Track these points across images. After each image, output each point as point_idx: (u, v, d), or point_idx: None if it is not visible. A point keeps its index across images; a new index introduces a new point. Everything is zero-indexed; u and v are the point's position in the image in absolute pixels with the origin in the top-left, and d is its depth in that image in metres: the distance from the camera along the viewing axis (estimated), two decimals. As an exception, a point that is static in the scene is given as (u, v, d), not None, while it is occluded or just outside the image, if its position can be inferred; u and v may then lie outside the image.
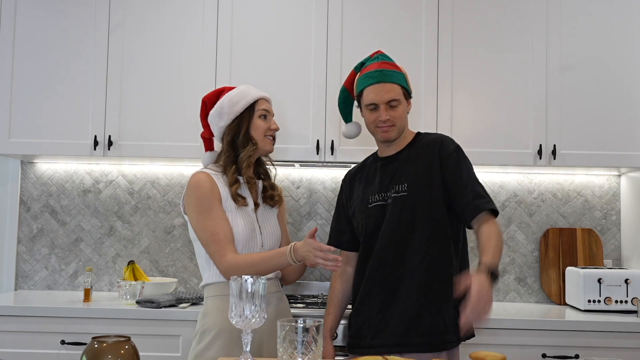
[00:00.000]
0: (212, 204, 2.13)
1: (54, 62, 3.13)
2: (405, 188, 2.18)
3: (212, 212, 2.12)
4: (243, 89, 2.28)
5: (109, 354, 1.39)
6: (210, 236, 2.10)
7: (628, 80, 3.08)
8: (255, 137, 2.24)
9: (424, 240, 2.14)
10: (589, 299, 2.99)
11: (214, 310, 2.13)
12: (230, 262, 2.08)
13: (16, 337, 2.80)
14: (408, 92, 2.29)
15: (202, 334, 2.12)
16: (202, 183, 2.15)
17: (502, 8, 3.11)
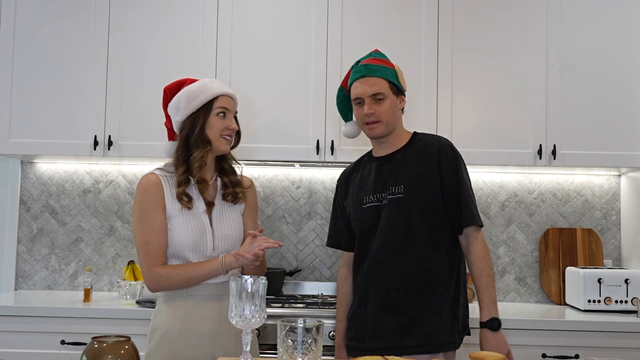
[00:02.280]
0: (152, 211, 2.04)
1: (54, 62, 3.13)
2: (401, 190, 2.16)
3: (148, 219, 2.04)
4: (204, 84, 2.13)
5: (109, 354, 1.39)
6: (143, 244, 2.04)
7: (628, 80, 3.08)
8: (210, 136, 2.10)
9: (419, 243, 2.14)
10: (589, 299, 2.99)
11: (163, 311, 2.08)
12: (159, 273, 2.03)
13: (16, 337, 2.80)
14: (398, 88, 2.23)
15: (152, 332, 2.09)
16: (147, 187, 2.07)
17: (502, 8, 3.11)
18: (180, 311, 2.06)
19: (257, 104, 3.09)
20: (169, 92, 2.18)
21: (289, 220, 3.43)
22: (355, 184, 2.31)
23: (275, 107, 3.09)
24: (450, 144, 2.24)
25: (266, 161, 3.16)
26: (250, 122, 3.08)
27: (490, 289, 2.10)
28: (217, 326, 2.08)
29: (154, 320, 2.11)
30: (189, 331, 2.05)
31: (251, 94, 3.09)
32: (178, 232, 2.06)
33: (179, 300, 2.07)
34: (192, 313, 2.06)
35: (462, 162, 2.22)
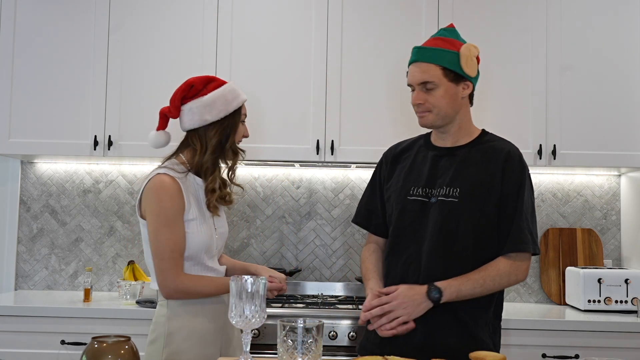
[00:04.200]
0: (177, 217, 1.99)
1: (54, 62, 3.13)
2: (456, 193, 1.92)
3: (175, 226, 1.98)
4: (234, 88, 2.12)
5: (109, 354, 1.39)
6: (170, 252, 1.97)
7: (628, 80, 3.08)
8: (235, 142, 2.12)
9: (463, 259, 1.91)
10: (589, 299, 2.99)
11: (183, 312, 2.03)
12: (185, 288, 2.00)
13: (16, 337, 2.80)
14: (456, 74, 1.95)
15: (169, 336, 2.01)
16: (170, 191, 1.99)
17: (502, 8, 3.11)
18: (199, 311, 2.05)
19: (256, 104, 3.09)
20: (196, 85, 2.11)
21: (289, 220, 3.43)
22: (404, 168, 2.07)
23: (275, 107, 3.10)
24: (520, 154, 1.98)
25: (266, 161, 3.16)
26: (250, 122, 3.07)
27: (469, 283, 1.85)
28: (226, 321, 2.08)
29: (169, 324, 2.02)
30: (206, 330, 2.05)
31: (251, 94, 3.08)
32: (197, 235, 2.03)
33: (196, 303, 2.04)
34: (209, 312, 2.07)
35: (529, 179, 1.96)
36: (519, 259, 1.90)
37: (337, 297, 3.20)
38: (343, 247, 3.41)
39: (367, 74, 3.10)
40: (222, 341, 2.12)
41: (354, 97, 3.09)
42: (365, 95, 3.09)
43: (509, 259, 1.90)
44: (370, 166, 3.28)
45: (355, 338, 2.76)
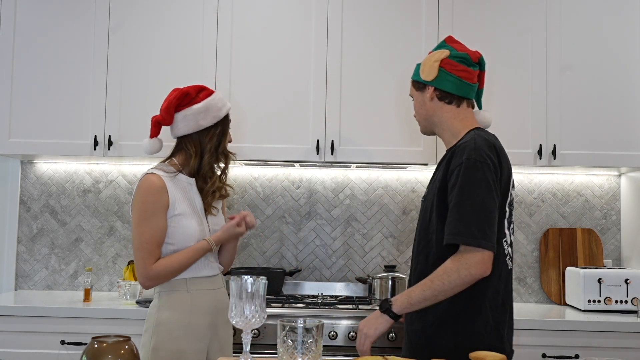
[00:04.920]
0: (156, 213, 2.13)
1: (54, 62, 3.13)
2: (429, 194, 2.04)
3: (152, 220, 2.12)
4: (222, 97, 2.29)
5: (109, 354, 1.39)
6: (144, 243, 2.11)
7: (628, 80, 3.08)
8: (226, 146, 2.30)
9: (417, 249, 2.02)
10: (589, 299, 2.99)
11: (167, 305, 2.15)
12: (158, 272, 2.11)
13: (16, 337, 2.80)
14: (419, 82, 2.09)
15: (157, 327, 2.13)
16: (152, 188, 2.13)
17: (502, 8, 3.11)
18: (186, 305, 2.15)
19: (257, 103, 3.09)
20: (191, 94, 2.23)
21: (289, 220, 3.43)
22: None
23: (275, 107, 3.09)
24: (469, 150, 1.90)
25: (266, 161, 3.16)
26: (250, 122, 3.08)
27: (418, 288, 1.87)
28: (215, 318, 2.21)
29: (158, 314, 2.15)
30: (195, 324, 2.15)
31: (251, 94, 3.10)
32: (184, 229, 2.16)
33: (183, 294, 2.16)
34: (197, 306, 2.17)
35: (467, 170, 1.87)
36: (466, 252, 1.83)
37: (337, 297, 3.20)
38: (343, 247, 3.41)
39: (367, 74, 3.10)
40: (211, 337, 2.20)
41: (354, 97, 3.09)
42: (365, 95, 3.09)
43: (456, 255, 1.85)
44: (370, 166, 3.28)
45: (355, 338, 2.76)
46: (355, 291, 3.35)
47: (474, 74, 2.07)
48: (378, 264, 3.40)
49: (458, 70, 2.03)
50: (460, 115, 2.06)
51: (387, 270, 3.14)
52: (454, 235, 1.84)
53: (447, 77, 2.04)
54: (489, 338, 1.89)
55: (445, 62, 2.04)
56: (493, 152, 1.91)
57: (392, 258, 3.40)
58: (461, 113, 2.06)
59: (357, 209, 3.42)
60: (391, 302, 1.92)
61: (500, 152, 1.96)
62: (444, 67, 2.04)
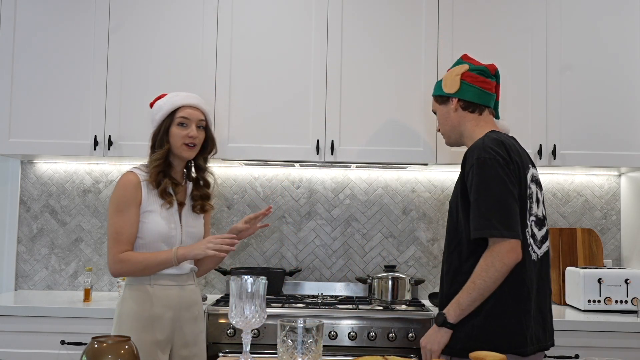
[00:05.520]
0: (129, 206, 2.25)
1: (54, 62, 3.13)
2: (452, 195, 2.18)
3: (125, 213, 2.24)
4: (168, 98, 2.35)
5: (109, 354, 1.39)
6: (115, 234, 2.23)
7: (628, 80, 3.08)
8: (172, 144, 2.31)
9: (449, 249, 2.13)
10: (589, 299, 2.99)
11: (130, 298, 2.26)
12: (122, 258, 2.21)
13: (16, 337, 2.80)
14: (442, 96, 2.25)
15: (119, 317, 2.25)
16: (125, 183, 2.28)
17: (502, 8, 3.11)
18: (148, 299, 2.25)
19: (256, 104, 3.09)
20: (151, 107, 2.42)
21: (289, 220, 3.43)
22: None
23: (275, 107, 3.09)
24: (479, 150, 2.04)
25: (266, 161, 3.16)
26: (250, 122, 3.09)
27: (464, 293, 1.98)
28: (178, 313, 2.29)
29: (121, 306, 2.27)
30: (155, 317, 2.24)
31: (251, 94, 3.10)
32: (154, 225, 2.26)
33: (146, 288, 2.26)
34: (158, 300, 2.26)
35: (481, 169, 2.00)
36: (495, 245, 1.96)
37: (337, 297, 3.20)
38: (343, 247, 3.41)
39: (367, 74, 3.10)
40: (174, 332, 2.27)
41: (354, 97, 3.09)
42: (365, 95, 3.09)
43: (487, 251, 1.97)
44: (370, 166, 3.28)
45: (355, 338, 2.77)
46: (355, 291, 3.35)
47: (492, 84, 2.24)
48: (378, 264, 3.40)
49: (478, 82, 2.20)
50: (481, 122, 2.21)
51: (387, 270, 3.14)
52: (478, 230, 1.97)
53: (469, 88, 2.20)
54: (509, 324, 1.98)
55: (466, 75, 2.21)
56: (501, 148, 2.03)
57: (392, 258, 3.40)
58: (482, 120, 2.22)
59: (357, 209, 3.42)
60: (445, 314, 2.01)
61: (511, 148, 2.06)
62: (465, 79, 2.21)
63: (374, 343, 2.76)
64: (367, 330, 2.78)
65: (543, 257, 2.11)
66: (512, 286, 1.99)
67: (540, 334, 2.05)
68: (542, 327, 2.07)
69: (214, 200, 3.26)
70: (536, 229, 2.08)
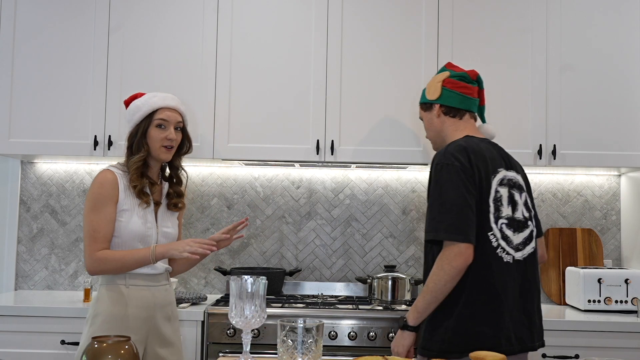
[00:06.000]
0: (105, 204, 2.25)
1: (54, 62, 3.13)
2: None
3: (101, 211, 2.23)
4: (147, 98, 2.35)
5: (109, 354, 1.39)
6: (92, 231, 2.22)
7: (628, 80, 3.08)
8: (150, 145, 2.32)
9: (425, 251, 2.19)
10: (589, 299, 2.99)
11: (105, 298, 2.26)
12: (99, 256, 2.21)
13: (16, 337, 2.80)
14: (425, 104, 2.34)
15: (94, 317, 2.25)
16: (102, 181, 2.28)
17: (502, 8, 3.11)
18: (122, 298, 2.25)
19: (257, 103, 3.09)
20: (126, 105, 2.41)
21: (289, 220, 3.43)
22: None
23: (275, 107, 3.09)
24: (441, 155, 2.11)
25: (266, 161, 3.16)
26: (250, 122, 3.09)
27: (420, 297, 2.06)
28: (152, 312, 2.30)
29: (96, 306, 2.26)
30: (129, 317, 2.25)
31: (251, 94, 3.10)
32: (131, 224, 2.26)
33: (121, 288, 2.27)
34: (132, 300, 2.27)
35: (438, 174, 2.07)
36: (445, 248, 2.02)
37: (337, 297, 3.20)
38: (343, 247, 3.41)
39: (367, 74, 3.10)
40: (148, 332, 2.28)
41: (353, 97, 3.09)
42: (365, 95, 3.09)
43: (439, 254, 2.03)
44: (370, 166, 3.28)
45: (355, 338, 2.77)
46: (355, 291, 3.35)
47: (474, 89, 2.30)
48: (378, 264, 3.40)
49: (459, 87, 2.27)
50: (461, 126, 2.27)
51: (387, 270, 3.14)
52: (429, 233, 2.05)
53: (450, 93, 2.27)
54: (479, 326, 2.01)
55: (447, 82, 2.29)
56: (462, 154, 2.07)
57: (392, 258, 3.40)
58: (462, 124, 2.27)
59: (357, 209, 3.42)
60: (406, 318, 2.11)
61: (476, 154, 2.08)
62: (446, 85, 2.28)
63: (374, 343, 2.76)
64: (367, 330, 2.78)
65: (528, 258, 2.11)
66: (480, 289, 2.02)
67: (524, 335, 2.06)
68: (528, 328, 2.08)
69: (214, 200, 3.34)
70: (510, 231, 2.07)
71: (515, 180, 2.15)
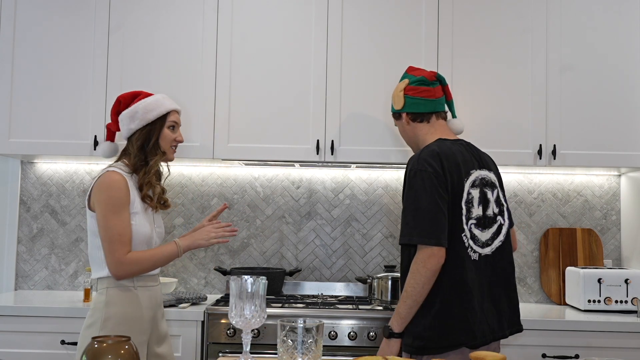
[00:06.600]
0: (124, 206, 2.26)
1: (54, 62, 3.13)
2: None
3: (122, 214, 2.24)
4: (158, 99, 2.39)
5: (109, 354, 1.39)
6: (117, 235, 2.21)
7: (628, 80, 3.08)
8: (162, 146, 2.38)
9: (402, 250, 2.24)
10: (589, 299, 2.99)
11: (116, 301, 2.25)
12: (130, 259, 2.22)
13: (16, 337, 2.80)
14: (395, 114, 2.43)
15: (105, 321, 2.23)
16: (117, 184, 2.27)
17: (502, 8, 3.11)
18: (133, 301, 2.27)
19: (256, 103, 3.09)
20: (123, 101, 2.41)
21: (289, 220, 3.43)
22: None
23: (276, 107, 3.10)
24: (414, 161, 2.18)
25: (266, 161, 3.16)
26: (250, 122, 3.09)
27: (400, 303, 2.12)
28: (155, 312, 2.35)
29: (106, 310, 2.24)
30: (139, 318, 2.27)
31: (251, 94, 3.10)
32: (140, 227, 2.29)
33: (130, 290, 2.28)
34: (143, 301, 2.30)
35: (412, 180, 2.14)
36: (418, 251, 2.10)
37: (337, 297, 3.20)
38: (343, 247, 3.41)
39: (367, 74, 3.10)
40: (152, 331, 2.32)
41: (354, 97, 3.09)
42: (365, 95, 3.09)
43: (414, 258, 2.10)
44: (370, 166, 3.28)
45: (355, 338, 2.77)
46: (355, 291, 3.35)
47: (435, 90, 2.37)
48: (378, 264, 3.40)
49: (420, 92, 2.35)
50: (431, 129, 2.35)
51: (387, 270, 3.14)
52: (403, 237, 2.13)
53: (413, 100, 2.35)
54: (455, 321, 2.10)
55: (408, 89, 2.37)
56: (435, 160, 2.14)
57: (392, 258, 3.40)
58: (432, 127, 2.35)
59: (357, 209, 3.42)
60: (390, 326, 2.14)
61: (448, 158, 2.16)
62: (408, 93, 2.36)
63: (374, 343, 2.76)
64: (367, 330, 2.78)
65: (496, 251, 2.20)
66: (454, 287, 2.10)
67: (494, 325, 2.15)
68: (497, 318, 2.16)
69: (214, 200, 3.34)
70: (477, 230, 2.16)
71: (487, 179, 2.24)
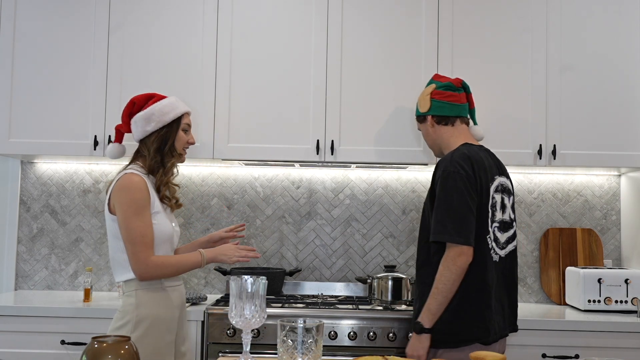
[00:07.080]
0: (146, 208, 2.28)
1: (54, 62, 3.13)
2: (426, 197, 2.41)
3: (144, 215, 2.27)
4: (172, 101, 2.43)
5: (109, 354, 1.39)
6: (140, 237, 2.24)
7: (628, 80, 3.08)
8: (177, 147, 2.43)
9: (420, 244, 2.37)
10: (589, 299, 2.99)
11: (147, 302, 2.28)
12: (156, 262, 2.26)
13: (16, 337, 2.80)
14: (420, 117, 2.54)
15: (138, 323, 2.25)
16: (139, 185, 2.29)
17: (502, 8, 3.11)
18: (163, 301, 2.31)
19: (257, 104, 3.09)
20: (137, 103, 2.44)
21: (289, 220, 3.43)
22: None
23: (275, 107, 3.10)
24: (447, 162, 2.28)
25: (266, 161, 3.16)
26: (250, 122, 3.09)
27: (431, 299, 2.21)
28: (181, 312, 2.41)
29: (138, 311, 2.26)
30: (169, 318, 2.31)
31: (251, 94, 3.10)
32: (163, 226, 2.32)
33: (160, 291, 2.31)
34: (172, 301, 2.34)
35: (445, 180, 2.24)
36: (448, 250, 2.20)
37: (337, 297, 3.20)
38: (343, 247, 3.41)
39: (367, 74, 3.10)
40: (178, 330, 2.37)
41: (354, 97, 3.09)
42: (365, 95, 3.09)
43: (444, 256, 2.20)
44: (370, 166, 3.28)
45: (355, 338, 2.77)
46: (355, 291, 3.35)
47: (461, 95, 2.48)
48: (378, 264, 3.40)
49: (446, 97, 2.46)
50: (455, 133, 2.45)
51: (387, 270, 3.14)
52: (435, 234, 2.22)
53: (439, 104, 2.46)
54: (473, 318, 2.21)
55: (435, 93, 2.48)
56: (467, 163, 2.25)
57: (392, 258, 3.40)
58: (456, 131, 2.45)
59: (357, 209, 3.43)
60: (420, 322, 2.22)
61: (477, 162, 2.27)
62: (434, 97, 2.47)
63: (374, 343, 2.76)
64: (367, 330, 2.78)
65: (509, 255, 2.34)
66: (475, 285, 2.21)
67: (500, 323, 2.28)
68: (502, 317, 2.29)
69: (214, 200, 3.35)
70: (499, 233, 2.30)
71: (505, 186, 2.37)
